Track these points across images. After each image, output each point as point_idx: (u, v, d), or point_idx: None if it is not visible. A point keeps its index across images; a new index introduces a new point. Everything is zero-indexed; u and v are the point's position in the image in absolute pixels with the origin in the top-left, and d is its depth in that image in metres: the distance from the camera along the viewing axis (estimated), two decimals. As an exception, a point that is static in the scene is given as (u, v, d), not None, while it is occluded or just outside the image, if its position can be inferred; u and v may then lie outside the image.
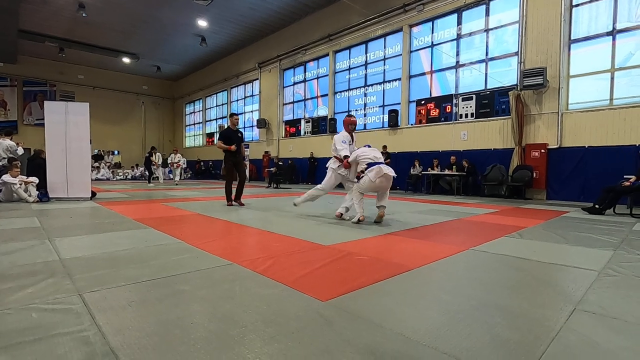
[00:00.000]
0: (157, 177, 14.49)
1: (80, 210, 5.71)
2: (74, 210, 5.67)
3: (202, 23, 15.83)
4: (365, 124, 13.52)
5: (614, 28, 7.95)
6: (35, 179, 6.98)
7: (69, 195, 7.16)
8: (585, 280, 2.29)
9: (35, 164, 7.49)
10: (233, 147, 6.21)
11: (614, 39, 7.96)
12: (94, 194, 7.57)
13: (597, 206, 5.89)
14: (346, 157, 4.77)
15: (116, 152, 23.55)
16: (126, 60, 20.80)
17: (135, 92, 24.83)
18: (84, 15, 14.34)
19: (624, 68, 7.86)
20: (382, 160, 4.55)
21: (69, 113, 7.21)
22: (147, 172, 14.92)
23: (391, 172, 4.38)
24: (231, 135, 6.33)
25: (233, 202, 6.47)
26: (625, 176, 6.37)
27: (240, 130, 6.75)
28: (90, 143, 8.41)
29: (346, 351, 1.35)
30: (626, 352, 1.38)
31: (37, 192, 6.86)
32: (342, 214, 4.89)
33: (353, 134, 5.13)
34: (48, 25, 16.22)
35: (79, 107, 7.41)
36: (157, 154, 14.29)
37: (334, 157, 4.99)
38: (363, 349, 1.37)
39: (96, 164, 17.71)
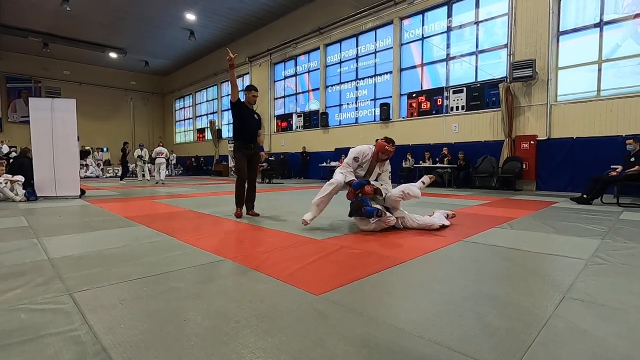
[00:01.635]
0: (131, 175, 13.65)
1: (69, 208, 5.62)
2: (62, 208, 5.57)
3: (191, 16, 15.57)
4: (357, 118, 13.51)
5: (601, 20, 8.03)
6: (21, 178, 6.83)
7: (57, 194, 7.04)
8: (573, 268, 2.34)
9: (17, 163, 7.33)
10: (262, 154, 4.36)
11: (601, 31, 8.05)
12: (83, 191, 7.45)
13: (585, 196, 5.99)
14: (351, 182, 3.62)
15: (105, 149, 23.17)
16: (113, 55, 20.40)
17: (123, 88, 24.41)
18: (67, 9, 13.98)
19: (610, 59, 7.96)
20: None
21: (55, 110, 7.05)
22: (122, 169, 13.72)
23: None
24: (245, 114, 4.44)
25: (244, 214, 4.67)
26: (612, 166, 6.48)
27: (257, 112, 4.82)
28: (78, 140, 8.27)
29: (340, 343, 1.36)
30: (613, 338, 1.41)
31: (24, 190, 6.72)
32: None
33: (380, 163, 3.84)
34: (30, 20, 15.79)
35: (65, 104, 7.24)
36: (145, 149, 14.04)
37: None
38: (356, 341, 1.38)
39: (83, 162, 17.37)
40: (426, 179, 4.13)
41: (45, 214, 4.95)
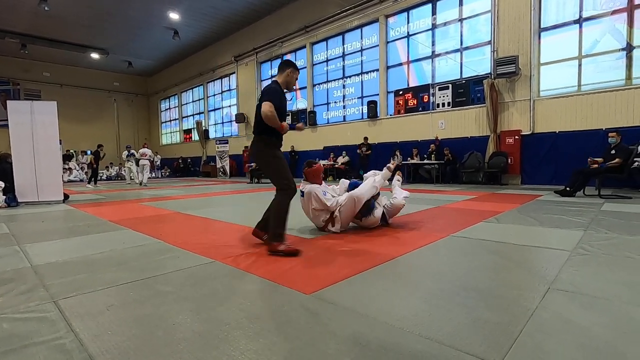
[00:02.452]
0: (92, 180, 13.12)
1: (52, 213, 5.48)
2: (45, 214, 5.43)
3: (174, 16, 15.32)
4: (344, 116, 13.53)
5: (580, 16, 8.22)
6: (0, 183, 6.62)
7: (40, 199, 6.85)
8: (558, 260, 2.39)
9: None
10: (300, 125, 3.50)
11: (580, 27, 8.24)
12: (66, 196, 7.27)
13: (568, 189, 6.14)
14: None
15: (89, 152, 22.63)
16: (95, 56, 19.94)
17: (107, 89, 23.89)
18: (46, 8, 13.59)
19: (590, 55, 8.16)
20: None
21: (35, 113, 6.86)
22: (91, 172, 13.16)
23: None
24: (283, 103, 3.04)
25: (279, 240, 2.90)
26: (593, 159, 6.64)
27: None
28: (60, 143, 8.06)
29: (331, 342, 1.36)
30: (597, 326, 1.45)
31: (4, 196, 6.52)
32: None
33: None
34: (7, 20, 15.30)
35: (46, 106, 7.05)
36: (132, 151, 13.77)
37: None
38: (348, 339, 1.39)
39: (66, 165, 16.96)
40: (390, 165, 3.94)
41: (27, 220, 4.81)
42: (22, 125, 6.78)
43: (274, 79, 3.11)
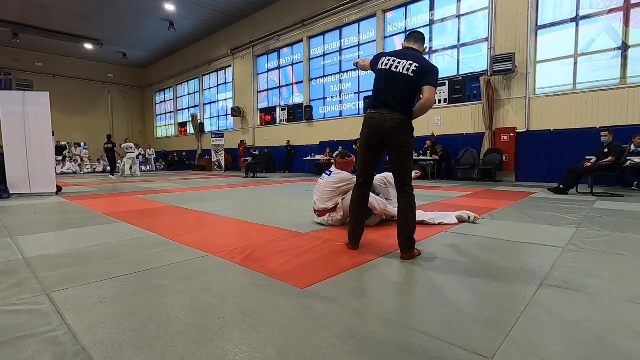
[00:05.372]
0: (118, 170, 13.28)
1: (45, 206, 5.42)
2: (38, 206, 5.38)
3: (170, 7, 15.12)
4: (341, 111, 13.50)
5: (577, 14, 8.24)
6: (-8, 175, 6.55)
7: (32, 191, 6.78)
8: (550, 256, 2.42)
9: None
10: None
11: (577, 25, 8.26)
12: (59, 188, 7.20)
13: (561, 186, 6.20)
14: None
15: (83, 144, 22.39)
16: (88, 46, 19.66)
17: (100, 81, 23.61)
18: (38, -3, 13.36)
19: (586, 53, 8.20)
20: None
21: (27, 103, 6.76)
22: (110, 164, 13.42)
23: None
24: None
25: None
26: (586, 157, 6.72)
27: None
28: (53, 135, 7.97)
29: (325, 336, 1.37)
30: (588, 322, 1.47)
31: (-4, 188, 6.45)
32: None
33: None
34: (-2, 8, 15.02)
35: (38, 97, 6.95)
36: (129, 143, 13.67)
37: None
38: (342, 333, 1.40)
39: (61, 157, 16.77)
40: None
41: (19, 212, 4.76)
42: (14, 116, 6.68)
43: (415, 49, 2.60)
